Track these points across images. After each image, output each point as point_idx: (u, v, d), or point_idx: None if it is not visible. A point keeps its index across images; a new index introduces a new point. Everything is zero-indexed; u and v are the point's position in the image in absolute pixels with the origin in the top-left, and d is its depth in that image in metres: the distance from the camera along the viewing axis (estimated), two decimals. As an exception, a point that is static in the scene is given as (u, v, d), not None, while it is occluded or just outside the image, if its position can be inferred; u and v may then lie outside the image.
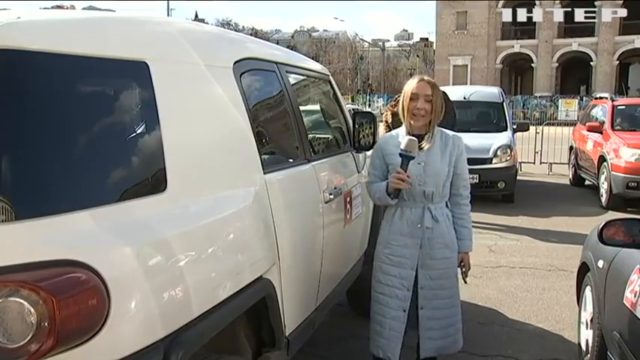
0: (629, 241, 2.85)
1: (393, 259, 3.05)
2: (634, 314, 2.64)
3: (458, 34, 49.33)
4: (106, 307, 1.54)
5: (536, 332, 4.44)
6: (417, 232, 3.02)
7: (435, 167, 3.00)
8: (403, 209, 3.05)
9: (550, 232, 7.69)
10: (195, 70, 2.25)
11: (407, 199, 3.03)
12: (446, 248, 3.07)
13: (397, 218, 3.06)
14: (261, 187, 2.48)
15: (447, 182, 3.05)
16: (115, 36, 1.94)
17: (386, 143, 3.13)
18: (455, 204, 3.16)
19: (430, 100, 2.98)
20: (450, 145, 3.06)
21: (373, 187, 3.11)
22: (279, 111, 3.02)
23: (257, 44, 3.15)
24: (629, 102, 12.12)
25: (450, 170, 3.04)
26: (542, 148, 13.87)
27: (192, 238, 1.97)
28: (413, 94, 2.99)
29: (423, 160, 2.98)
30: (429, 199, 3.03)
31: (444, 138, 3.09)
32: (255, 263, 2.34)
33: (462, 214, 3.16)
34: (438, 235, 3.04)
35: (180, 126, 2.04)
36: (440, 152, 3.03)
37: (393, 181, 2.91)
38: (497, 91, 11.60)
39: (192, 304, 1.89)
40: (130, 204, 1.77)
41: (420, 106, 2.97)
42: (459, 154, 3.09)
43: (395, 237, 3.06)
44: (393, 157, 3.01)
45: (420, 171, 2.97)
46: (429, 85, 3.02)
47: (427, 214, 3.02)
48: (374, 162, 3.17)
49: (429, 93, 2.99)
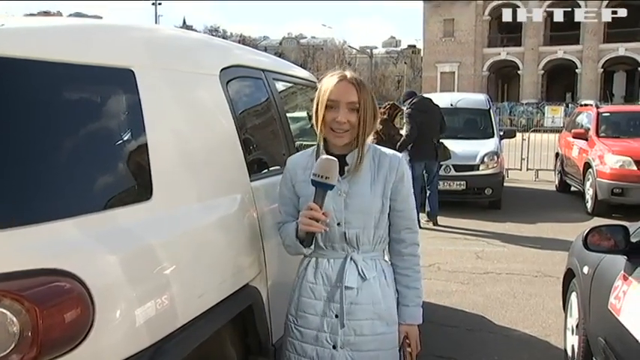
0: (613, 247, 2.88)
1: (306, 334, 2.16)
2: (618, 320, 2.66)
3: (445, 41, 49.68)
4: (90, 316, 1.53)
5: (523, 338, 4.45)
6: (335, 294, 2.13)
7: (362, 200, 2.11)
8: (318, 260, 2.17)
9: (536, 238, 7.73)
10: (181, 77, 2.24)
11: (323, 246, 2.15)
12: (378, 319, 2.13)
13: (310, 273, 2.18)
14: (248, 194, 2.48)
15: (380, 222, 2.15)
16: (101, 43, 1.93)
17: (296, 166, 2.23)
18: (396, 254, 2.23)
19: (356, 109, 2.08)
20: (385, 169, 2.14)
21: (283, 230, 2.23)
22: (266, 118, 3.02)
23: (244, 51, 3.14)
24: (614, 109, 12.26)
25: (384, 204, 2.14)
26: (528, 154, 14.02)
27: (177, 246, 1.96)
28: (331, 100, 2.08)
29: (344, 191, 2.11)
30: (354, 246, 2.13)
31: (378, 158, 2.17)
32: (241, 271, 2.34)
33: (405, 268, 2.20)
34: (365, 299, 2.11)
35: (166, 134, 2.04)
36: (370, 179, 2.13)
37: (302, 220, 2.03)
38: (484, 98, 11.69)
39: (178, 312, 1.88)
40: (115, 212, 1.76)
41: (342, 119, 2.06)
42: (399, 181, 2.15)
43: (306, 301, 2.17)
44: (304, 186, 2.14)
45: (340, 205, 2.11)
46: (353, 87, 2.08)
47: (350, 268, 2.11)
48: (282, 193, 2.27)
49: (353, 99, 2.07)
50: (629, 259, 2.80)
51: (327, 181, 1.98)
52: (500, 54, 48.93)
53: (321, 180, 1.98)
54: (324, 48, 71.07)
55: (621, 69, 47.37)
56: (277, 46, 78.99)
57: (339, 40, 70.72)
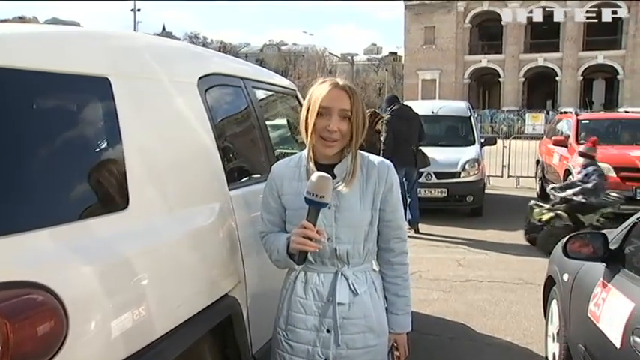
0: (592, 254, 2.91)
1: (297, 348, 2.13)
2: (598, 327, 2.69)
3: (426, 49, 50.02)
4: (63, 329, 1.51)
5: (505, 346, 4.48)
6: (327, 310, 2.10)
7: (351, 215, 2.07)
8: (307, 274, 2.13)
9: (518, 245, 7.78)
10: (158, 85, 2.24)
11: (313, 260, 2.10)
12: (370, 332, 2.12)
13: (299, 287, 2.13)
14: (226, 203, 2.47)
15: (370, 234, 2.12)
16: (76, 51, 1.91)
17: (282, 176, 2.17)
18: (385, 263, 2.22)
19: (348, 117, 2.05)
20: (374, 179, 2.11)
21: (269, 242, 2.17)
22: (244, 127, 3.01)
23: (222, 59, 3.14)
24: (593, 117, 12.45)
25: (374, 216, 2.12)
26: (509, 161, 14.12)
27: (154, 257, 1.95)
28: (322, 107, 2.03)
29: (333, 204, 2.05)
30: (344, 261, 2.10)
31: (367, 168, 2.13)
32: (219, 281, 2.33)
33: (395, 277, 2.20)
34: (357, 314, 2.09)
35: (142, 143, 2.02)
36: (359, 191, 2.09)
37: (295, 239, 1.97)
38: (464, 106, 11.79)
39: (155, 323, 1.87)
40: (90, 222, 1.75)
41: (333, 127, 2.02)
42: (388, 191, 2.13)
43: (296, 315, 2.13)
44: (293, 199, 2.10)
45: (330, 220, 2.06)
46: (346, 94, 2.05)
47: (341, 284, 2.09)
48: (267, 203, 2.21)
49: (346, 107, 2.04)
50: (608, 266, 2.83)
51: (322, 200, 1.93)
52: (481, 61, 49.38)
53: (315, 199, 1.92)
54: (305, 55, 71.16)
55: (600, 77, 48.02)
56: (258, 53, 78.90)
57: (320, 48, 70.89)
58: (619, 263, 2.79)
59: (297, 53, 74.75)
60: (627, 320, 2.38)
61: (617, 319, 2.48)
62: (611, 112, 21.24)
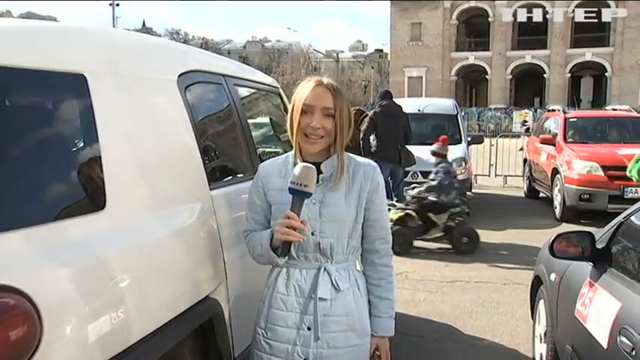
0: (579, 254, 2.92)
1: (276, 347, 2.14)
2: (585, 327, 2.71)
3: (412, 46, 50.20)
4: (37, 334, 1.49)
5: (492, 347, 4.50)
6: (308, 306, 2.12)
7: (336, 209, 2.12)
8: (290, 270, 2.16)
9: (505, 245, 7.85)
10: (137, 82, 2.22)
11: (296, 256, 2.14)
12: (351, 331, 2.13)
13: (281, 283, 2.16)
14: (207, 203, 2.46)
15: (354, 232, 2.16)
16: (51, 47, 1.89)
17: (268, 173, 2.23)
18: (369, 264, 2.25)
19: (332, 115, 2.10)
20: (360, 178, 2.16)
21: (252, 238, 2.21)
22: (226, 125, 3.00)
23: (203, 56, 3.13)
24: (581, 114, 12.56)
25: (359, 213, 2.15)
26: (496, 160, 14.20)
27: (132, 259, 1.93)
28: (306, 105, 2.10)
29: (318, 199, 2.11)
30: (327, 257, 2.13)
31: (353, 167, 2.19)
32: (200, 283, 2.32)
33: (378, 279, 2.22)
34: (339, 311, 2.12)
35: (120, 141, 2.01)
36: (345, 188, 2.14)
37: (279, 230, 2.02)
38: (451, 104, 11.85)
39: (133, 328, 1.86)
40: (65, 223, 1.73)
41: (316, 124, 2.08)
42: (373, 191, 2.17)
43: (277, 312, 2.15)
44: (278, 194, 2.15)
45: (314, 214, 2.11)
46: (329, 92, 2.10)
47: (323, 279, 2.11)
48: (252, 201, 2.25)
49: (329, 105, 2.09)
50: (595, 266, 2.85)
51: (305, 189, 1.98)
52: (469, 58, 49.66)
53: (299, 188, 1.98)
54: (289, 52, 71.13)
55: (588, 74, 48.50)
56: (241, 50, 78.82)
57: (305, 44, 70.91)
58: (606, 263, 2.81)
59: (281, 50, 74.74)
60: (614, 320, 2.40)
61: (604, 319, 2.50)
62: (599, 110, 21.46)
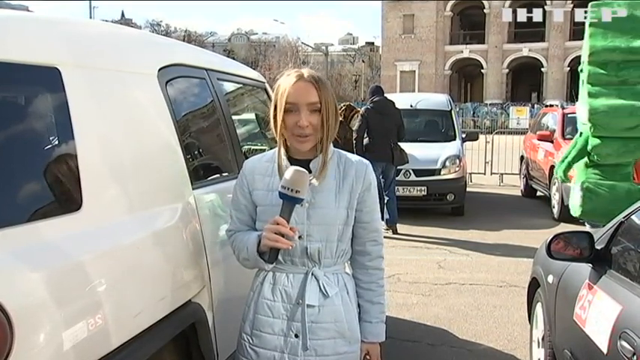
0: (577, 255, 2.92)
1: (263, 355, 2.12)
2: (584, 331, 2.71)
3: (405, 39, 50.31)
4: (7, 342, 1.47)
5: (488, 352, 4.51)
6: (295, 313, 2.10)
7: (325, 212, 2.08)
8: (276, 274, 2.13)
9: (501, 246, 7.88)
10: (115, 77, 2.20)
11: (282, 260, 2.10)
12: (340, 338, 2.11)
13: (267, 288, 2.13)
14: (190, 203, 2.45)
15: (344, 234, 2.13)
16: (21, 38, 1.87)
17: (252, 172, 2.18)
18: (360, 267, 2.22)
19: (317, 109, 2.06)
20: (351, 177, 2.12)
21: (237, 240, 2.18)
22: (209, 121, 2.99)
23: (186, 49, 3.12)
24: (580, 110, 12.54)
25: (349, 215, 2.12)
26: (492, 158, 14.25)
27: (110, 262, 1.91)
28: (290, 104, 2.04)
29: (307, 201, 2.06)
30: (315, 261, 2.10)
31: (343, 165, 2.15)
32: (182, 287, 2.30)
33: (369, 282, 2.20)
34: (327, 318, 2.09)
35: (97, 139, 1.99)
36: (335, 188, 2.11)
37: (267, 235, 1.98)
38: (445, 99, 11.88)
39: (112, 334, 1.84)
40: (39, 225, 1.71)
41: (304, 123, 2.03)
42: (365, 190, 2.14)
43: (263, 319, 2.13)
44: (264, 195, 2.12)
45: (302, 217, 2.07)
46: (312, 86, 2.05)
47: (311, 285, 2.09)
48: (237, 200, 2.21)
49: (314, 100, 2.04)
50: (594, 268, 2.85)
51: (297, 195, 1.94)
52: (463, 52, 49.82)
53: (290, 194, 1.94)
54: (276, 45, 70.99)
55: (587, 68, 48.75)
56: (226, 43, 78.57)
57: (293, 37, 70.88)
58: (606, 264, 2.81)
59: (267, 43, 74.54)
60: (614, 324, 2.41)
61: (603, 322, 2.51)
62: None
